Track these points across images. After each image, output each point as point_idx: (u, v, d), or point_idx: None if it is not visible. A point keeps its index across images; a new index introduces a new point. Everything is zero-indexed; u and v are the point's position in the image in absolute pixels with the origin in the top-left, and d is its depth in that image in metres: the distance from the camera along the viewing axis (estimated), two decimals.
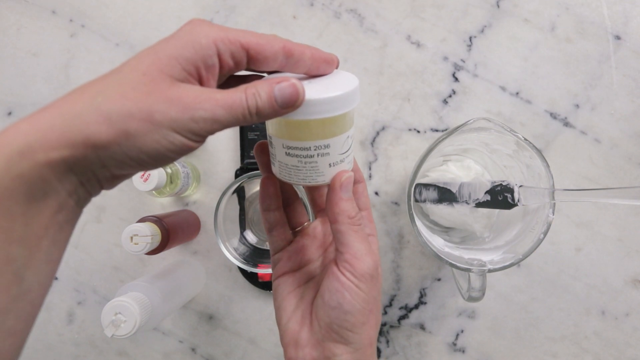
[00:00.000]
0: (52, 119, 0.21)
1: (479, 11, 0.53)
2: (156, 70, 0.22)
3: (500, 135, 0.40)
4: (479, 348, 0.53)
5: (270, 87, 0.24)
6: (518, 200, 0.41)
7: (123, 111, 0.21)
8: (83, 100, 0.21)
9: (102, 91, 0.21)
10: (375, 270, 0.28)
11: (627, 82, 0.52)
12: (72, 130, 0.20)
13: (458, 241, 0.49)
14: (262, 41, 0.24)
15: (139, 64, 0.22)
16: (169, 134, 0.22)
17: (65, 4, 0.55)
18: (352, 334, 0.28)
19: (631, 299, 0.52)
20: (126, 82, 0.22)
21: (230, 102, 0.23)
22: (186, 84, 0.23)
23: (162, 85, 0.22)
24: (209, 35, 0.23)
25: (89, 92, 0.22)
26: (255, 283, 0.52)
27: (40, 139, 0.20)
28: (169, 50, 0.22)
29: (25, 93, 0.55)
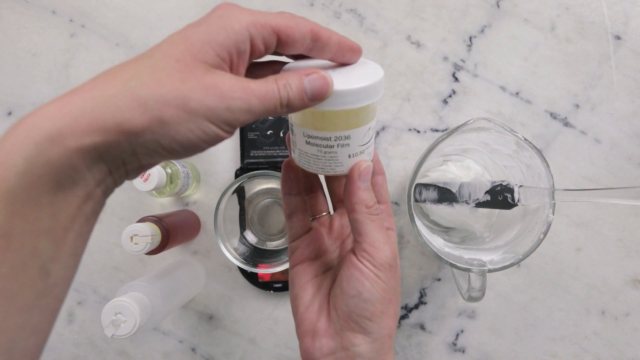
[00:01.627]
0: (82, 102, 0.19)
1: (479, 11, 0.53)
2: (190, 57, 0.21)
3: (500, 135, 0.40)
4: (479, 348, 0.53)
5: (300, 79, 0.23)
6: (518, 200, 0.41)
7: (159, 97, 0.20)
8: (115, 83, 0.20)
9: (135, 76, 0.20)
10: (394, 260, 0.28)
11: (627, 82, 0.52)
12: (104, 115, 0.19)
13: (458, 241, 0.49)
14: (292, 24, 0.23)
15: (172, 50, 0.21)
16: (203, 123, 0.21)
17: (65, 4, 0.55)
18: (372, 324, 0.27)
19: (631, 299, 0.52)
20: (160, 68, 0.21)
21: (264, 92, 0.22)
22: (220, 71, 0.22)
23: (197, 72, 0.21)
24: (241, 20, 0.22)
25: (121, 75, 0.21)
26: (255, 283, 0.52)
27: (71, 124, 0.19)
28: (202, 35, 0.21)
29: (25, 93, 0.55)
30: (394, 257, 0.28)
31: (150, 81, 0.20)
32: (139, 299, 0.40)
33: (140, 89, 0.20)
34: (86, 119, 0.19)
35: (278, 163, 0.52)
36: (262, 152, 0.53)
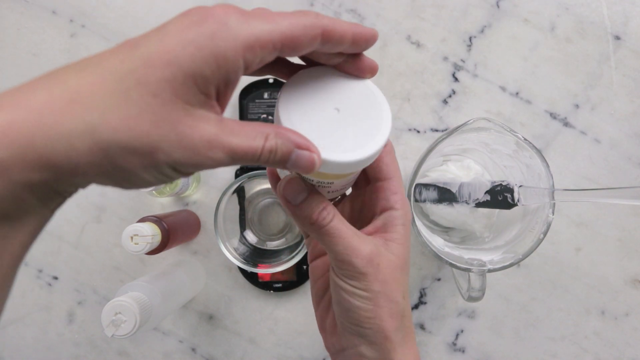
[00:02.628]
0: (30, 130, 0.16)
1: (479, 11, 0.53)
2: (169, 93, 0.18)
3: (500, 135, 0.40)
4: (479, 348, 0.53)
5: (290, 149, 0.21)
6: (518, 200, 0.41)
7: (124, 146, 0.17)
8: (73, 112, 0.17)
9: (98, 105, 0.17)
10: (367, 264, 0.25)
11: (627, 82, 0.52)
12: (57, 154, 0.17)
13: (458, 241, 0.49)
14: (299, 31, 0.20)
15: (149, 77, 0.18)
16: (166, 170, 0.19)
17: (65, 4, 0.55)
18: (361, 329, 0.26)
19: (631, 299, 0.52)
20: (132, 101, 0.17)
21: (245, 151, 0.20)
22: (200, 112, 0.19)
23: (174, 115, 0.18)
24: (237, 43, 0.18)
25: (80, 98, 0.17)
26: (255, 283, 0.52)
27: (18, 157, 0.16)
28: (187, 64, 0.18)
29: None
30: (369, 258, 0.25)
31: (117, 120, 0.17)
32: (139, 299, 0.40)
33: (103, 130, 0.17)
34: (36, 154, 0.16)
35: None
36: None
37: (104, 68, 0.18)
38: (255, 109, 0.53)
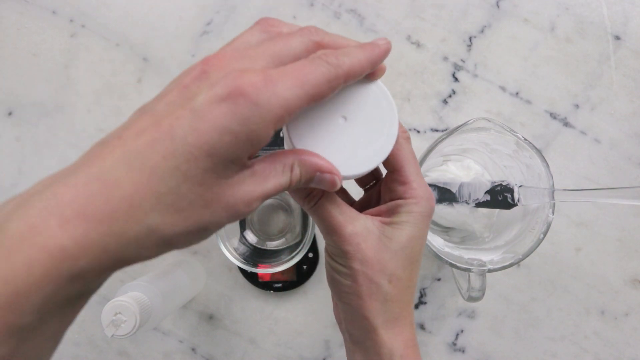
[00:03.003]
0: (104, 241, 0.18)
1: (479, 11, 0.53)
2: (213, 178, 0.19)
3: (500, 135, 0.40)
4: (479, 348, 0.53)
5: (313, 175, 0.23)
6: (518, 200, 0.41)
7: (183, 234, 0.19)
8: (135, 218, 0.18)
9: (154, 207, 0.18)
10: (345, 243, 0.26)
11: (627, 82, 0.52)
12: (130, 257, 0.19)
13: (458, 241, 0.49)
14: (323, 87, 0.21)
15: (192, 170, 0.19)
16: (209, 234, 0.21)
17: (65, 4, 0.55)
18: (344, 304, 0.28)
19: (631, 299, 0.52)
20: (181, 195, 0.19)
21: (276, 190, 0.22)
22: (237, 176, 0.20)
23: (219, 194, 0.20)
24: (268, 125, 0.19)
25: (137, 203, 0.18)
26: (255, 283, 0.52)
27: (94, 265, 0.18)
28: (225, 152, 0.19)
29: (25, 93, 0.55)
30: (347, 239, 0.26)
31: (173, 217, 0.19)
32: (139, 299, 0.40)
33: (164, 228, 0.19)
34: (109, 259, 0.18)
35: None
36: (261, 151, 0.53)
37: (150, 167, 0.18)
38: None
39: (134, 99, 0.54)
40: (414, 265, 0.28)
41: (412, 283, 0.29)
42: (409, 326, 0.28)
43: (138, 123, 0.20)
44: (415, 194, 0.28)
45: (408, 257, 0.27)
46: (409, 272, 0.28)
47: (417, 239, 0.28)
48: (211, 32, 0.54)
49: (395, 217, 0.27)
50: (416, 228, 0.27)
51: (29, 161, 0.55)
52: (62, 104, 0.55)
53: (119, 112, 0.54)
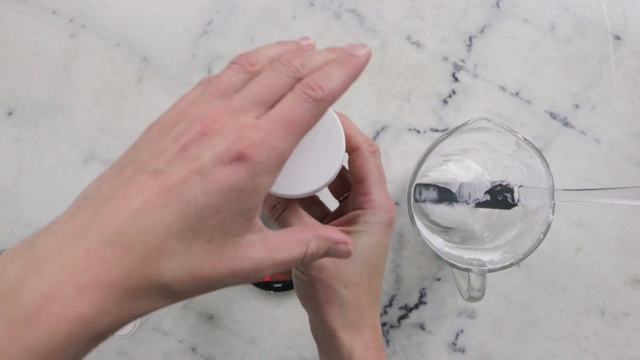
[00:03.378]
0: (118, 300, 0.18)
1: (479, 11, 0.53)
2: (221, 235, 0.20)
3: (500, 135, 0.40)
4: (479, 348, 0.53)
5: (329, 247, 0.25)
6: (518, 200, 0.41)
7: (191, 290, 0.20)
8: (150, 274, 0.19)
9: (168, 267, 0.19)
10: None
11: (627, 82, 0.52)
12: (140, 311, 0.19)
13: (458, 241, 0.49)
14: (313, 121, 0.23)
15: (202, 228, 0.20)
16: None
17: (65, 4, 0.55)
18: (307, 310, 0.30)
19: (631, 299, 0.52)
20: (192, 252, 0.20)
21: (289, 262, 0.23)
22: (247, 237, 0.21)
23: (227, 253, 0.21)
24: (271, 177, 0.21)
25: (152, 261, 0.19)
26: (255, 283, 0.52)
27: (111, 325, 0.19)
28: (233, 207, 0.20)
29: (25, 93, 0.55)
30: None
31: (184, 275, 0.20)
32: None
33: (175, 285, 0.20)
34: (124, 316, 0.19)
35: None
36: None
37: (163, 230, 0.19)
38: None
39: (134, 99, 0.54)
40: (374, 271, 0.29)
41: (373, 288, 0.30)
42: (370, 328, 0.30)
43: (142, 183, 0.20)
44: (374, 205, 0.29)
45: (366, 263, 0.29)
46: (367, 278, 0.29)
47: (375, 247, 0.29)
48: (211, 32, 0.54)
49: (354, 227, 0.29)
50: (373, 237, 0.29)
51: (28, 161, 0.55)
52: (62, 104, 0.55)
53: (119, 112, 0.54)
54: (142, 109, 0.54)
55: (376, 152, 0.31)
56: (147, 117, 0.54)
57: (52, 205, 0.54)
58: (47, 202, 0.54)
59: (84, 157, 0.54)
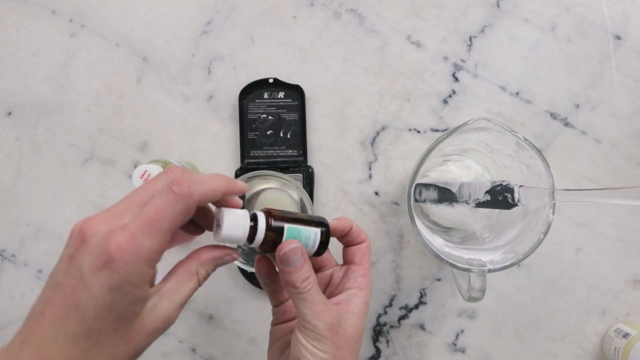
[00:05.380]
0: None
1: (479, 11, 0.53)
2: (123, 321, 0.24)
3: (500, 135, 0.40)
4: (479, 348, 0.53)
5: (215, 263, 0.29)
6: (518, 200, 0.41)
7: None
8: None
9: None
10: (329, 330, 0.29)
11: (628, 82, 0.52)
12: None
13: (458, 241, 0.49)
14: (180, 216, 0.26)
15: (104, 323, 0.24)
16: None
17: (65, 4, 0.55)
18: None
19: (631, 299, 0.52)
20: (104, 344, 0.24)
21: (187, 295, 0.27)
22: (147, 304, 0.25)
23: (136, 326, 0.24)
24: (144, 270, 0.24)
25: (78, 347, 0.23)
26: (255, 283, 0.52)
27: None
28: (119, 300, 0.24)
29: (25, 93, 0.55)
30: (331, 325, 0.29)
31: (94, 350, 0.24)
32: None
33: None
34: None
35: (278, 163, 0.52)
36: (262, 152, 0.53)
37: (71, 335, 0.24)
38: (255, 108, 0.53)
39: (134, 98, 0.54)
40: (360, 340, 0.33)
41: None
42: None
43: (49, 297, 0.24)
44: (367, 286, 0.33)
45: (361, 340, 0.32)
46: (359, 353, 0.33)
47: (364, 325, 0.33)
48: (211, 32, 0.54)
49: (354, 307, 0.32)
50: (365, 317, 0.33)
51: (28, 161, 0.55)
52: (61, 103, 0.55)
53: (119, 112, 0.54)
54: (142, 109, 0.54)
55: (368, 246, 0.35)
56: (146, 117, 0.54)
57: (52, 205, 0.54)
58: (46, 202, 0.54)
59: (83, 157, 0.54)
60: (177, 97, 0.54)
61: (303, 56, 0.54)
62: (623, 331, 0.49)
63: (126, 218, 0.25)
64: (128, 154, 0.54)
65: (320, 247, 0.32)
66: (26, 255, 0.55)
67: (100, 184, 0.54)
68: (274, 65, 0.54)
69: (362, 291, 0.33)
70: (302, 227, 0.31)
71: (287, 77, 0.53)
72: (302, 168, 0.52)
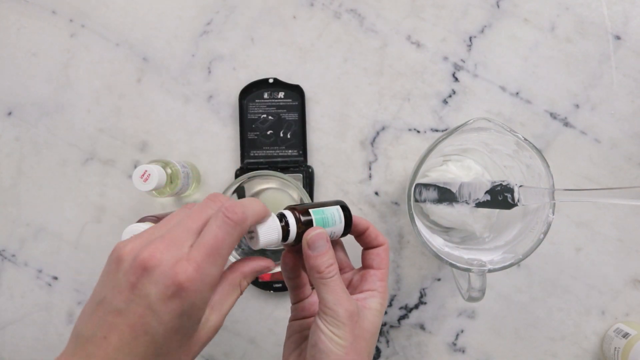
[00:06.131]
0: None
1: (479, 11, 0.53)
2: (185, 339, 0.26)
3: (500, 135, 0.40)
4: (479, 348, 0.53)
5: (255, 275, 0.31)
6: (518, 200, 0.41)
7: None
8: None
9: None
10: (349, 318, 0.30)
11: (627, 82, 0.52)
12: None
13: (458, 241, 0.49)
14: (235, 240, 0.27)
15: (171, 344, 0.25)
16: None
17: (65, 4, 0.55)
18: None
19: (631, 299, 0.52)
20: None
21: (232, 305, 0.30)
22: (202, 319, 0.27)
23: (194, 340, 0.27)
24: (210, 294, 0.27)
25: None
26: (255, 283, 0.52)
27: None
28: (185, 324, 0.26)
29: (25, 93, 0.55)
30: (351, 313, 0.30)
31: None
32: None
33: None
34: None
35: (278, 163, 0.52)
36: (262, 152, 0.53)
37: (141, 356, 0.25)
38: (255, 108, 0.53)
39: (134, 98, 0.54)
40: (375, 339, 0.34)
41: None
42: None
43: (112, 323, 0.24)
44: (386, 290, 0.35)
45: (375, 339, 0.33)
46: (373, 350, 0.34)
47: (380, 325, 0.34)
48: (211, 32, 0.54)
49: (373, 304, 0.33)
50: (382, 318, 0.34)
51: (28, 161, 0.55)
52: (62, 103, 0.55)
53: (119, 112, 0.54)
54: (142, 109, 0.54)
55: None
56: (146, 117, 0.54)
57: (52, 205, 0.54)
58: (46, 202, 0.54)
59: (83, 157, 0.54)
60: (177, 97, 0.54)
61: (303, 56, 0.54)
62: (623, 331, 0.49)
63: (186, 246, 0.26)
64: (128, 154, 0.54)
65: (346, 221, 0.34)
66: (26, 255, 0.55)
67: (100, 184, 0.54)
68: (274, 65, 0.54)
69: (380, 294, 0.34)
70: (324, 208, 0.33)
71: (287, 77, 0.53)
72: (302, 168, 0.52)
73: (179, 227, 0.27)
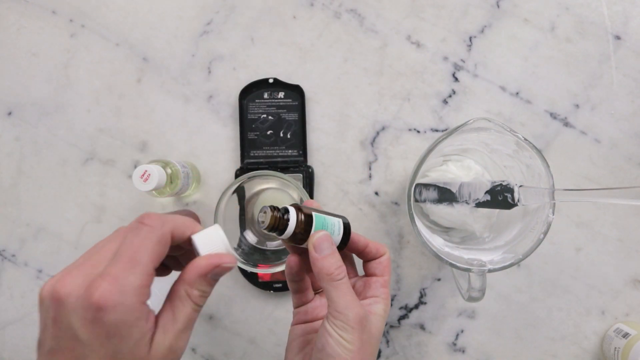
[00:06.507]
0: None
1: (479, 11, 0.53)
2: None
3: (500, 135, 0.40)
4: (479, 348, 0.53)
5: (209, 278, 0.27)
6: (518, 200, 0.41)
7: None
8: None
9: None
10: (358, 321, 0.30)
11: (627, 82, 0.52)
12: None
13: (458, 241, 0.49)
14: (157, 248, 0.26)
15: None
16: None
17: (65, 4, 0.55)
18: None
19: (631, 299, 0.52)
20: None
21: (188, 319, 0.27)
22: (152, 341, 0.25)
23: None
24: (137, 304, 0.24)
25: None
26: (255, 283, 0.52)
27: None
28: (122, 343, 0.23)
29: (25, 93, 0.55)
30: (360, 318, 0.30)
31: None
32: None
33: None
34: None
35: (278, 163, 0.52)
36: (262, 152, 0.53)
37: None
38: (255, 108, 0.53)
39: (134, 98, 0.54)
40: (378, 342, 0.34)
41: None
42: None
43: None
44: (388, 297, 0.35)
45: (378, 344, 0.33)
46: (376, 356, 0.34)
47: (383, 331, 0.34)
48: (211, 32, 0.54)
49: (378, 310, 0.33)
50: (384, 325, 0.34)
51: (28, 161, 0.55)
52: (61, 104, 0.55)
53: (119, 112, 0.54)
54: (142, 109, 0.54)
55: None
56: (146, 117, 0.54)
57: (52, 205, 0.54)
58: (46, 202, 0.54)
59: (83, 157, 0.54)
60: (177, 97, 0.54)
61: (303, 56, 0.54)
62: (623, 331, 0.49)
63: (102, 266, 0.24)
64: (128, 154, 0.54)
65: (343, 236, 0.34)
66: (26, 255, 0.55)
67: (100, 184, 0.54)
68: (274, 65, 0.54)
69: (383, 300, 0.34)
70: (327, 216, 0.33)
71: (287, 77, 0.53)
72: (302, 168, 0.52)
73: (99, 252, 0.25)
